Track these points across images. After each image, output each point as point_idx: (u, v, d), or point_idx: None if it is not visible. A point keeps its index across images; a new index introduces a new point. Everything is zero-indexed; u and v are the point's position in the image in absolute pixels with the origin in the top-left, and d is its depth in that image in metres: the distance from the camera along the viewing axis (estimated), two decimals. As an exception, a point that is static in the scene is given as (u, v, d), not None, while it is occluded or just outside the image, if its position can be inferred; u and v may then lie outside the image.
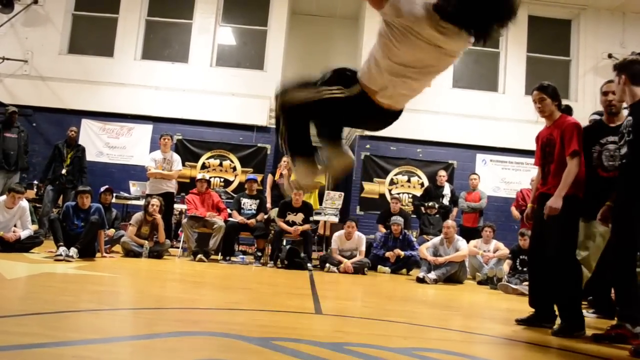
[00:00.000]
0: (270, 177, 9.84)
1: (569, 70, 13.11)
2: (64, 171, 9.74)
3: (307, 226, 8.50)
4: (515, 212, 9.46)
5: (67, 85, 12.08)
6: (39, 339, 2.61)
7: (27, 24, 12.43)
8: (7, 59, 11.93)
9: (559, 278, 4.10)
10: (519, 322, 4.32)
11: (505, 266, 7.72)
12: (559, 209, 4.02)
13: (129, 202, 9.73)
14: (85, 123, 12.17)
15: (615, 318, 4.03)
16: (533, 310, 4.37)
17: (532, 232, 4.51)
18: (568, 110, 4.47)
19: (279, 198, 9.30)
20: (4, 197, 7.44)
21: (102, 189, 8.39)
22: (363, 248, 8.46)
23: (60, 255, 6.56)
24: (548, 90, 4.36)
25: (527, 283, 7.03)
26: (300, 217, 8.60)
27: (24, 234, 7.25)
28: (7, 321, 2.99)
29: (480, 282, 8.04)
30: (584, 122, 4.71)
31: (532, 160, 4.86)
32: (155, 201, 8.11)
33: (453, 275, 7.80)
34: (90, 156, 11.57)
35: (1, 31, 12.14)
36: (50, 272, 5.48)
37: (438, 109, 12.45)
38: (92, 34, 13.02)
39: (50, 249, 7.03)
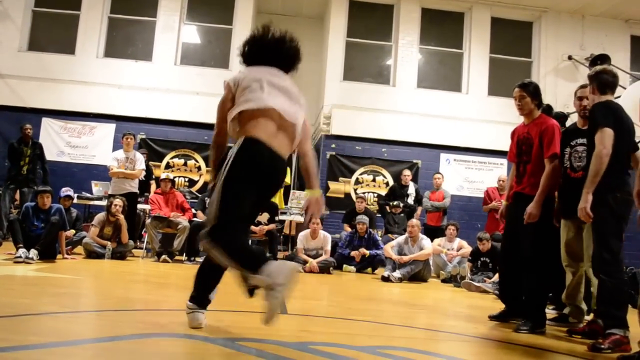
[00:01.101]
0: None
1: (531, 71, 13.39)
2: (23, 170, 9.52)
3: (272, 226, 8.50)
4: (486, 208, 9.47)
5: (27, 83, 11.82)
6: (-2, 343, 2.56)
7: (-12, 20, 12.12)
8: (-28, 58, 11.65)
9: (530, 277, 4.20)
10: (492, 318, 4.40)
11: (466, 268, 7.85)
12: (538, 215, 4.11)
13: (91, 202, 9.58)
14: (46, 122, 11.93)
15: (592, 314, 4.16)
16: (504, 306, 4.45)
17: (505, 230, 4.58)
18: (548, 110, 4.56)
19: None
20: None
21: (62, 194, 8.20)
22: (328, 247, 8.49)
23: (20, 257, 6.41)
24: (529, 89, 4.41)
25: (489, 281, 7.22)
26: (265, 216, 8.58)
27: (-19, 236, 7.08)
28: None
29: (444, 280, 8.16)
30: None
31: (496, 160, 5.00)
32: (118, 201, 8.00)
33: (417, 274, 7.90)
34: (51, 156, 11.34)
35: (-42, 27, 11.83)
36: (9, 275, 5.36)
37: (403, 109, 12.59)
38: (53, 30, 12.76)
39: (10, 251, 6.87)
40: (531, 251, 4.19)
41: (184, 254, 8.31)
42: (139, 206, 9.34)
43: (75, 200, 8.96)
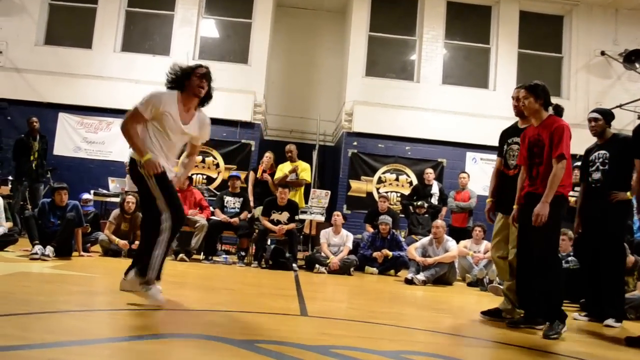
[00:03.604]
0: (252, 174, 9.77)
1: (561, 67, 13.22)
2: (32, 165, 9.62)
3: (292, 225, 8.48)
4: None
5: (44, 77, 11.97)
6: (13, 341, 2.57)
7: (1, 13, 12.28)
8: (-15, 52, 11.82)
9: (542, 278, 4.17)
10: (510, 324, 4.35)
11: (495, 271, 7.75)
12: (547, 215, 4.10)
13: (108, 199, 9.65)
14: (63, 117, 12.07)
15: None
16: (522, 312, 4.41)
17: (519, 233, 4.54)
18: (557, 109, 4.51)
19: (261, 196, 9.27)
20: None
21: (81, 197, 8.28)
22: (350, 244, 8.48)
23: (36, 254, 6.49)
24: (532, 89, 4.41)
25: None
26: (285, 215, 8.58)
27: (-3, 231, 7.17)
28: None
29: (470, 284, 8.08)
30: (578, 120, 4.82)
31: (524, 159, 4.89)
32: (130, 198, 8.03)
33: (442, 277, 7.83)
34: (67, 151, 11.49)
35: (-27, 21, 12.01)
36: (25, 272, 5.42)
37: (427, 106, 12.52)
38: (69, 24, 12.89)
39: (26, 248, 6.95)
40: (539, 250, 4.21)
41: (202, 253, 8.33)
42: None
43: (92, 196, 9.05)
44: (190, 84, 4.49)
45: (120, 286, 4.38)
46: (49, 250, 6.63)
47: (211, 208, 8.87)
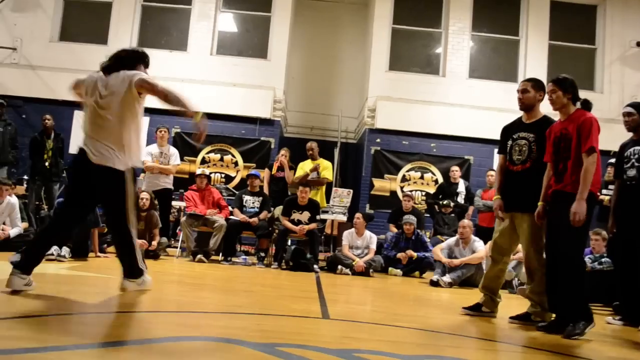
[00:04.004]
0: (266, 171, 9.79)
1: (595, 59, 13.05)
2: (46, 164, 9.73)
3: (313, 225, 8.49)
4: None
5: (59, 74, 12.10)
6: (29, 343, 2.61)
7: (16, 9, 12.45)
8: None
9: (568, 277, 4.15)
10: (540, 328, 4.30)
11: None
12: (585, 213, 4.05)
13: (124, 198, 9.72)
14: (78, 115, 12.15)
15: None
16: (554, 315, 4.36)
17: (548, 233, 4.50)
18: (586, 104, 4.46)
19: (277, 193, 9.30)
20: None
21: None
22: (374, 246, 8.47)
23: (52, 254, 6.58)
24: (560, 83, 4.40)
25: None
26: (306, 215, 8.59)
27: (13, 232, 7.29)
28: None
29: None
30: (612, 115, 4.78)
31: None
32: (144, 195, 8.09)
33: (469, 279, 7.77)
34: (83, 150, 11.60)
35: (-11, 18, 12.19)
36: (41, 273, 5.47)
37: (453, 101, 12.45)
38: (84, 20, 13.04)
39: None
40: (566, 249, 4.19)
41: (220, 254, 8.38)
42: (174, 203, 9.47)
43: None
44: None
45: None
46: (65, 251, 6.72)
47: (230, 208, 8.91)
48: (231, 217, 8.65)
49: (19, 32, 12.34)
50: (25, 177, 10.52)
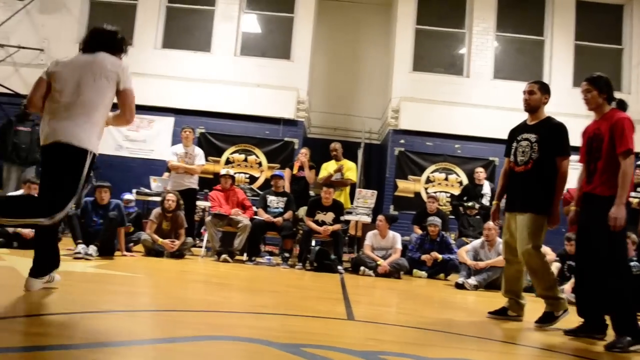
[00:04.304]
0: (287, 171, 9.80)
1: (621, 59, 12.86)
2: None
3: (337, 226, 8.48)
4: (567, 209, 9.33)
5: (83, 75, 12.24)
6: (58, 340, 2.65)
7: (43, 11, 12.63)
8: (23, 47, 12.15)
9: (610, 286, 4.01)
10: (567, 333, 4.25)
11: (554, 269, 7.58)
12: (624, 218, 3.96)
13: (150, 198, 9.81)
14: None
15: None
16: (582, 320, 4.29)
17: (578, 236, 4.44)
18: (621, 105, 4.39)
19: (298, 193, 9.31)
20: (21, 190, 7.59)
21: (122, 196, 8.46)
22: (399, 246, 8.42)
23: (79, 253, 6.67)
24: (596, 82, 4.32)
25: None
26: (330, 216, 8.58)
27: (40, 230, 7.38)
28: (25, 321, 3.04)
29: (525, 289, 7.90)
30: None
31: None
32: (171, 196, 8.15)
33: (495, 281, 7.68)
34: (109, 150, 11.75)
35: (16, 18, 12.35)
36: (68, 271, 5.55)
37: (478, 102, 12.36)
38: (110, 21, 13.05)
39: (69, 247, 7.14)
40: (606, 256, 4.03)
41: (245, 254, 8.41)
42: (199, 203, 9.52)
43: (133, 196, 9.24)
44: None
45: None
46: (92, 249, 6.80)
47: (254, 208, 8.94)
48: (255, 217, 8.67)
49: (46, 34, 12.50)
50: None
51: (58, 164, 3.81)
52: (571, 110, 12.01)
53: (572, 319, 4.82)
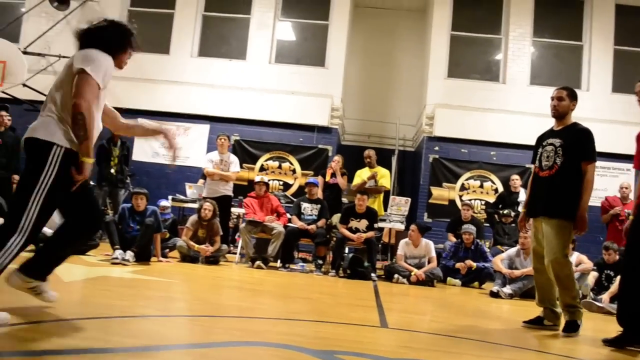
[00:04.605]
0: (320, 178, 9.83)
1: (663, 64, 12.57)
2: (112, 170, 10.01)
3: (371, 233, 8.46)
4: (606, 218, 9.23)
5: (123, 83, 12.41)
6: (97, 344, 2.71)
7: (83, 21, 12.77)
8: (64, 56, 12.39)
9: None
10: (606, 342, 4.17)
11: (591, 279, 7.45)
12: None
13: (185, 204, 9.94)
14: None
15: None
16: (621, 329, 4.21)
17: (628, 246, 4.34)
18: None
19: (330, 200, 9.32)
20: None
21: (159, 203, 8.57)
22: (433, 254, 8.36)
23: (117, 258, 6.80)
24: None
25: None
26: (364, 223, 8.57)
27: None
28: (64, 325, 3.12)
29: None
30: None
31: (621, 165, 4.82)
32: (208, 205, 8.24)
33: (531, 290, 7.55)
34: (146, 157, 11.95)
35: (57, 28, 12.64)
36: (106, 276, 5.67)
37: (514, 108, 12.22)
38: (148, 30, 13.38)
39: (107, 252, 7.27)
40: None
41: (279, 261, 8.45)
42: (233, 210, 9.61)
43: (169, 203, 9.38)
44: (121, 57, 3.75)
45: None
46: (129, 255, 6.92)
47: (288, 215, 8.98)
48: (289, 224, 8.72)
49: (86, 43, 12.76)
50: (92, 183, 10.84)
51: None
52: (610, 117, 11.90)
53: (606, 327, 4.75)
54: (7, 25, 12.19)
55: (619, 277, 6.99)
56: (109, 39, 3.62)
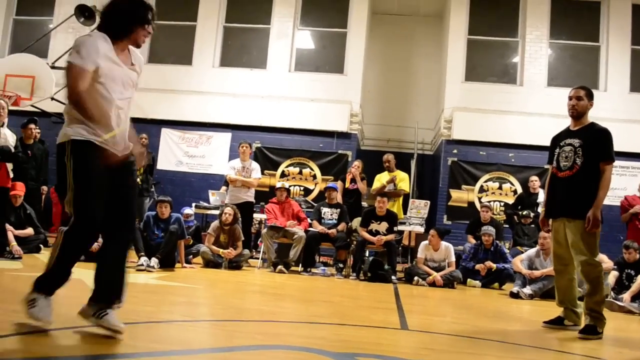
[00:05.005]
0: (339, 183, 9.82)
1: (681, 63, 12.38)
2: (138, 179, 10.10)
3: (391, 236, 8.44)
4: (625, 217, 9.12)
5: (147, 94, 12.56)
6: (124, 349, 2.74)
7: (109, 35, 13.05)
8: (89, 70, 12.60)
9: None
10: None
11: (611, 278, 7.33)
12: None
13: (209, 211, 10.00)
14: (165, 132, 12.67)
15: None
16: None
17: None
18: None
19: (350, 205, 9.31)
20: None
21: (182, 211, 8.63)
22: (453, 259, 8.29)
23: (142, 265, 6.86)
24: None
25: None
26: (384, 226, 8.55)
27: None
28: (90, 331, 3.15)
29: (580, 298, 7.68)
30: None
31: (639, 164, 4.71)
32: (228, 210, 8.28)
33: (551, 291, 7.44)
34: (170, 165, 12.06)
35: (84, 43, 12.84)
36: (132, 282, 5.69)
37: (532, 110, 12.12)
38: (171, 42, 13.52)
39: (132, 259, 7.33)
40: None
41: (300, 265, 8.47)
42: (255, 215, 9.65)
43: (192, 210, 9.44)
44: (136, 33, 3.37)
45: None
46: (154, 261, 6.98)
47: (309, 220, 8.99)
48: (310, 228, 8.72)
49: (111, 57, 12.91)
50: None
51: None
52: (628, 116, 11.75)
53: (628, 327, 4.68)
54: (35, 41, 12.37)
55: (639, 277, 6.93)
56: (111, 21, 3.32)
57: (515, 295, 7.27)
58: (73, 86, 3.06)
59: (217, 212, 9.18)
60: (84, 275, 3.58)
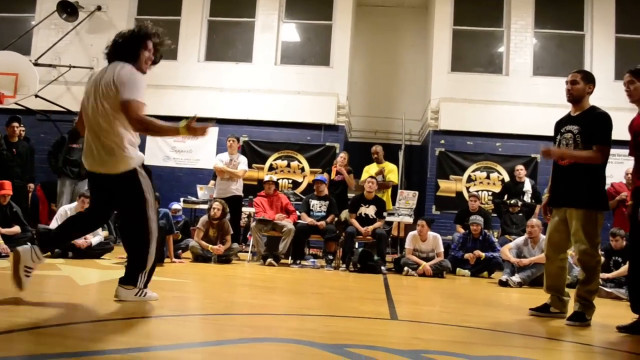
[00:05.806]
0: (325, 175, 9.83)
1: (665, 51, 12.45)
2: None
3: (379, 223, 8.45)
4: (612, 204, 9.13)
5: (133, 90, 12.47)
6: (112, 345, 2.71)
7: (91, 31, 12.95)
8: (74, 66, 12.48)
9: None
10: (620, 329, 4.10)
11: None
12: None
13: (197, 206, 9.96)
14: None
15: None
16: (637, 316, 4.14)
17: (632, 231, 4.29)
18: None
19: (336, 197, 9.30)
20: (75, 203, 7.80)
21: (170, 206, 8.59)
22: (441, 249, 8.32)
23: (130, 260, 6.80)
24: (639, 74, 4.19)
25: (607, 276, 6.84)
26: (372, 209, 8.57)
27: (94, 240, 7.57)
28: (80, 327, 3.12)
29: (569, 285, 7.70)
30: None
31: (625, 152, 4.73)
32: (217, 204, 8.25)
33: (539, 278, 7.50)
34: (157, 161, 11.97)
35: (67, 39, 12.72)
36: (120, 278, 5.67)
37: (518, 99, 12.16)
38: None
39: (121, 255, 7.29)
40: None
41: (290, 257, 8.46)
42: (244, 209, 9.61)
43: (181, 205, 9.38)
44: (141, 56, 4.26)
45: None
46: (143, 257, 6.92)
47: (298, 212, 8.98)
48: (299, 221, 8.71)
49: (95, 52, 12.76)
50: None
51: None
52: (614, 104, 11.68)
53: (616, 313, 4.70)
54: (18, 38, 12.25)
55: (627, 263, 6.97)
56: (121, 55, 4.15)
57: (504, 284, 7.30)
58: (140, 117, 3.90)
59: (205, 206, 9.14)
60: (71, 272, 3.55)
